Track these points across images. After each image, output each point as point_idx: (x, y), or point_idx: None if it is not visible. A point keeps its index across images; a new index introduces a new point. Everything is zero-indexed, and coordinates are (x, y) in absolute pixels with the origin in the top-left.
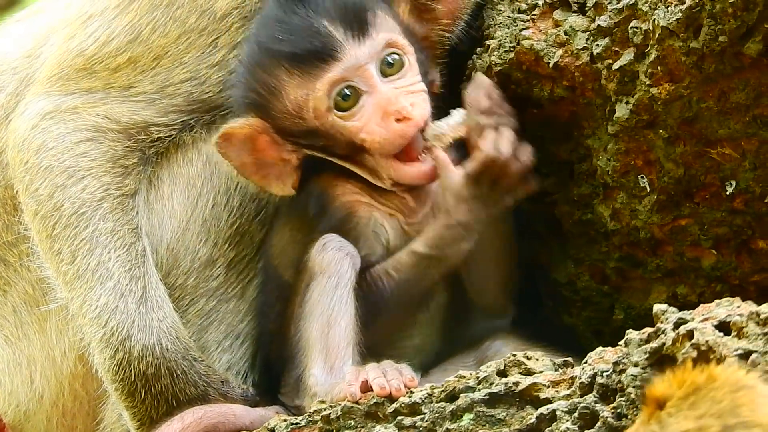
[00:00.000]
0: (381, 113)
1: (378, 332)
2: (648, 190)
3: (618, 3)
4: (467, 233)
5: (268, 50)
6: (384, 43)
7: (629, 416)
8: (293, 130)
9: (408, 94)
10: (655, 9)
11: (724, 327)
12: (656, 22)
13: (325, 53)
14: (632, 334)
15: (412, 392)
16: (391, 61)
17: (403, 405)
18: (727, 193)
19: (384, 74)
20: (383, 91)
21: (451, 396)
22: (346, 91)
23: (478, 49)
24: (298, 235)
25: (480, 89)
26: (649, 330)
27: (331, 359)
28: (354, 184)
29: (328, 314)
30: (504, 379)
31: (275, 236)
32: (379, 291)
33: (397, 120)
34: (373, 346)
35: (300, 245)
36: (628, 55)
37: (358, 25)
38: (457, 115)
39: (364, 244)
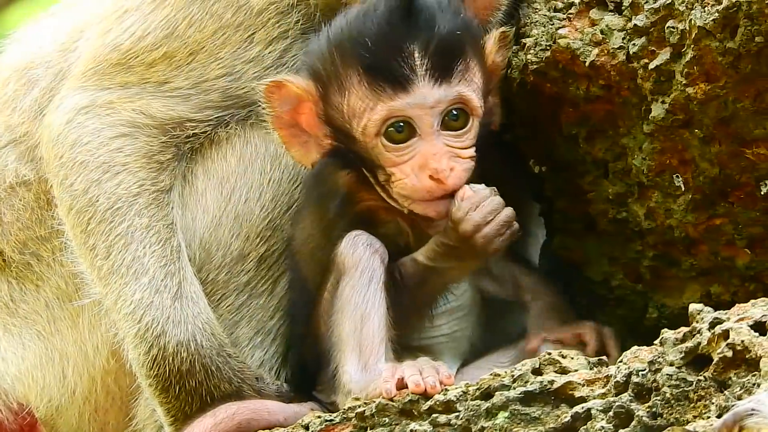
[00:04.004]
0: (420, 163)
1: (403, 323)
2: (683, 189)
3: (654, 2)
4: (464, 255)
5: (354, 44)
6: (457, 95)
7: (664, 415)
8: (337, 125)
9: (454, 157)
10: (692, 9)
11: (759, 327)
12: (693, 21)
13: (398, 81)
14: (668, 334)
15: (447, 390)
16: (456, 114)
17: (437, 403)
18: (762, 192)
19: (444, 125)
20: (433, 143)
21: (486, 394)
22: (401, 124)
23: (514, 47)
24: (317, 228)
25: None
26: (684, 329)
27: (365, 356)
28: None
29: (361, 311)
30: (539, 378)
31: (297, 228)
32: (396, 284)
33: (431, 177)
34: (405, 337)
35: (319, 239)
36: (664, 55)
37: (444, 66)
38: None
39: (387, 241)
